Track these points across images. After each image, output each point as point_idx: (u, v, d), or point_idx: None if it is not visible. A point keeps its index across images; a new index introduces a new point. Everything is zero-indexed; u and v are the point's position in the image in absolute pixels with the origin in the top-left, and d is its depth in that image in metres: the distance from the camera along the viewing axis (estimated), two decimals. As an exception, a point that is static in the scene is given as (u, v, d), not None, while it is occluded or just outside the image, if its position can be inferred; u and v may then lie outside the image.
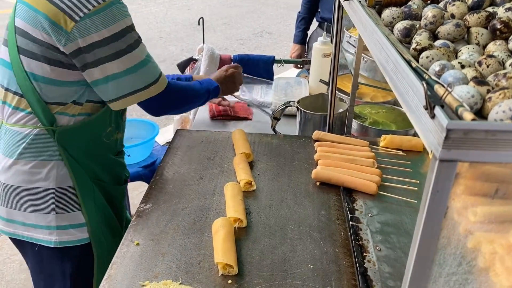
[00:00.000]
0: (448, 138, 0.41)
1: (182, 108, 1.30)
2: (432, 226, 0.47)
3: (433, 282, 0.52)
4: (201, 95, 1.30)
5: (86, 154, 1.16)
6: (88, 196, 1.16)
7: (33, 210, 1.14)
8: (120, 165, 1.31)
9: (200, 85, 1.31)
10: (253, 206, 1.08)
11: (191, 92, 1.27)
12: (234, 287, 0.84)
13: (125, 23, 1.04)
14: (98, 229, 1.19)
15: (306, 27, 2.78)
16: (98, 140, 1.18)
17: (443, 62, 0.58)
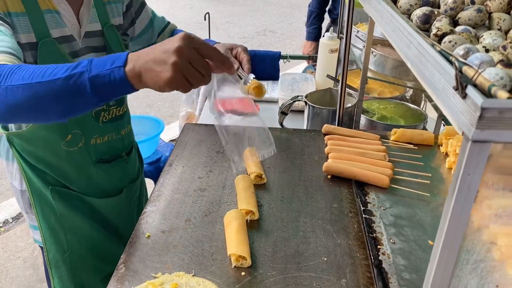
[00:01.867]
0: (482, 117, 0.40)
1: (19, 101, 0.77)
2: (462, 210, 0.46)
3: (460, 269, 0.51)
4: (55, 83, 0.74)
5: (44, 163, 1.11)
6: (40, 202, 1.14)
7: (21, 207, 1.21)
8: (100, 175, 1.19)
9: (77, 63, 0.76)
10: (264, 199, 1.06)
11: (37, 73, 0.75)
12: (247, 279, 0.83)
13: None
14: (51, 237, 1.17)
15: (320, 24, 2.70)
16: (57, 149, 1.09)
17: (467, 45, 0.57)
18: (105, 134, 1.17)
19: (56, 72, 0.74)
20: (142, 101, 4.29)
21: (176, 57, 0.70)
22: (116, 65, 0.72)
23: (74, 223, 1.18)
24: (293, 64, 4.14)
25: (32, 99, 0.74)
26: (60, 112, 0.78)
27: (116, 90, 0.74)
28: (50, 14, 1.00)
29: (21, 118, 0.84)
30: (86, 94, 0.73)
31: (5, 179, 3.23)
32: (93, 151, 1.15)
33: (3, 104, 0.76)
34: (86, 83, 0.72)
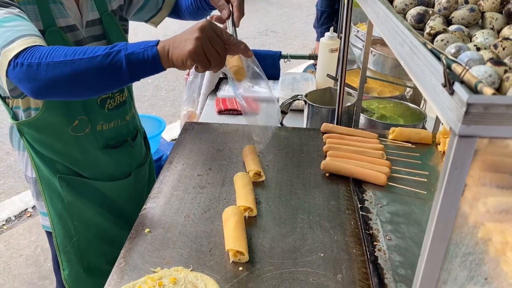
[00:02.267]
0: (468, 113, 0.41)
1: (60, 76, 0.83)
2: (450, 204, 0.47)
3: (450, 262, 0.52)
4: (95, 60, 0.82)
5: (52, 150, 1.14)
6: (49, 190, 1.19)
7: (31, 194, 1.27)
8: (107, 160, 1.23)
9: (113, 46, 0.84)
10: (263, 196, 1.08)
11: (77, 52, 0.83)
12: (245, 274, 0.85)
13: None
14: (59, 223, 1.21)
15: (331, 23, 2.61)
16: (64, 135, 1.13)
17: (458, 44, 0.58)
18: (110, 120, 1.20)
19: (96, 50, 0.83)
20: (145, 100, 4.31)
21: (199, 33, 0.81)
22: (150, 44, 0.83)
23: (81, 210, 1.22)
24: (295, 64, 4.15)
25: (73, 74, 0.82)
26: (95, 87, 0.87)
27: (148, 67, 0.83)
28: (55, 5, 1.04)
29: (57, 92, 0.89)
30: (121, 70, 0.82)
31: (8, 178, 3.25)
32: (99, 137, 1.19)
33: (44, 79, 0.83)
34: (122, 60, 0.81)
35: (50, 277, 2.44)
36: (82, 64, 0.82)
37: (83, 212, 1.24)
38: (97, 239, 1.29)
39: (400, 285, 0.83)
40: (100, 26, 1.16)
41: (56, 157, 1.16)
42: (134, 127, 1.33)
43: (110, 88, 0.93)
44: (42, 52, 0.84)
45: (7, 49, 0.85)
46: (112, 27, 1.18)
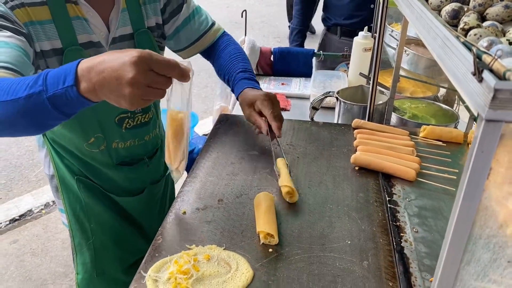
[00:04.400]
0: (495, 98, 0.44)
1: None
2: (475, 187, 0.50)
3: (473, 243, 0.54)
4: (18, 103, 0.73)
5: (71, 155, 1.16)
6: (67, 190, 1.20)
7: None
8: (121, 176, 1.23)
9: (36, 78, 0.74)
10: (293, 186, 1.11)
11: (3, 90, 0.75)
12: (274, 255, 0.89)
13: None
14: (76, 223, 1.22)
15: (302, 40, 2.70)
16: (81, 148, 1.15)
17: (491, 38, 0.60)
18: (126, 140, 1.20)
19: (18, 90, 0.73)
20: (177, 96, 4.42)
21: (131, 88, 0.68)
22: (68, 84, 0.70)
23: (98, 213, 1.24)
24: (328, 64, 4.16)
25: (3, 117, 0.75)
26: (32, 127, 0.78)
27: (77, 106, 0.73)
28: (79, 21, 1.03)
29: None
30: (50, 111, 0.73)
31: (48, 165, 3.41)
32: (114, 154, 1.19)
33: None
34: (46, 103, 0.72)
35: (84, 260, 2.55)
36: (8, 107, 0.74)
37: (100, 215, 1.25)
38: (114, 244, 1.29)
39: (425, 275, 0.86)
40: (131, 41, 1.13)
41: (74, 162, 1.18)
42: (154, 146, 1.31)
43: (51, 125, 0.82)
44: None
45: None
46: (146, 43, 1.15)
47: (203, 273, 0.83)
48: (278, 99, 2.02)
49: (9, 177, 3.28)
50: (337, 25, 2.59)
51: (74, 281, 2.42)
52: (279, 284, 0.82)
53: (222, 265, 0.85)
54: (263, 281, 0.83)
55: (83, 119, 1.09)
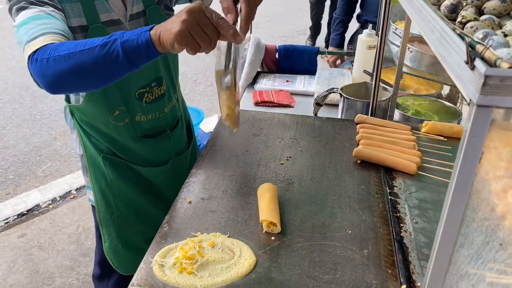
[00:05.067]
0: (486, 84, 0.46)
1: (67, 69, 0.88)
2: (468, 170, 0.52)
3: (467, 226, 0.57)
4: (94, 50, 0.86)
5: (97, 132, 1.23)
6: (94, 167, 1.27)
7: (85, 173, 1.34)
8: (145, 148, 1.29)
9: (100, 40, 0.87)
10: (296, 178, 1.14)
11: (80, 44, 0.88)
12: (277, 243, 0.91)
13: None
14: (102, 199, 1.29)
15: (344, 30, 2.76)
16: (107, 123, 1.21)
17: (486, 30, 0.62)
18: (148, 113, 1.26)
19: (95, 41, 0.87)
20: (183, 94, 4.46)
21: (186, 16, 0.79)
22: (144, 30, 0.84)
23: (122, 188, 1.30)
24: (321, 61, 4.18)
25: (75, 66, 0.87)
26: (98, 77, 0.90)
27: (143, 53, 0.84)
28: (99, 1, 1.10)
29: (65, 85, 0.94)
30: (118, 58, 0.85)
31: (55, 161, 3.46)
32: (138, 127, 1.26)
33: (51, 74, 0.89)
34: (118, 48, 0.84)
35: (91, 255, 2.60)
36: (83, 56, 0.86)
37: (124, 191, 1.31)
38: (136, 217, 1.36)
39: (424, 263, 0.88)
40: (144, 17, 1.20)
41: (101, 139, 1.24)
42: (174, 118, 1.36)
43: (113, 77, 0.92)
44: (52, 47, 0.89)
45: (29, 45, 0.92)
46: (156, 18, 1.20)
47: (208, 259, 0.85)
48: (282, 95, 2.05)
49: (17, 172, 3.33)
50: (368, 22, 2.62)
51: (83, 272, 2.47)
52: (281, 270, 0.85)
53: (226, 252, 0.88)
54: (265, 267, 0.85)
55: (108, 93, 1.15)
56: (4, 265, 2.56)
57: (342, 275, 0.84)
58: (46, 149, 3.61)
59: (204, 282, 0.80)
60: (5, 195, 3.12)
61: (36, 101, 4.31)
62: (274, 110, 1.92)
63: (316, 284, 0.82)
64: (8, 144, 3.62)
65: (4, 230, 2.84)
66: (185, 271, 0.82)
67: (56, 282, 2.46)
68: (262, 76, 2.29)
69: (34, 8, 0.98)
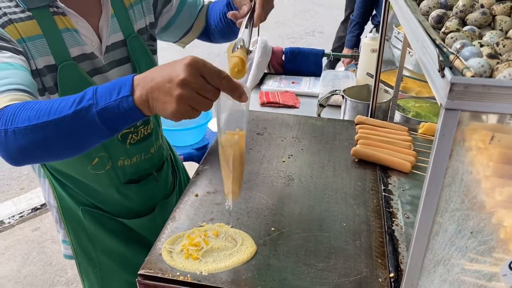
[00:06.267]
0: (452, 90, 0.53)
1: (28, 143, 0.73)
2: (440, 165, 0.59)
3: (441, 216, 0.64)
4: (63, 122, 0.71)
5: (74, 182, 1.10)
6: (71, 220, 1.16)
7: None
8: (130, 195, 1.18)
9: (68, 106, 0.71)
10: (296, 174, 1.21)
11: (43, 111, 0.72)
12: (276, 233, 0.99)
13: None
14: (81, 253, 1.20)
15: (359, 32, 2.83)
16: (86, 172, 1.09)
17: (463, 41, 0.69)
18: (132, 156, 1.15)
19: (62, 108, 0.71)
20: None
21: (181, 90, 0.66)
22: (123, 94, 0.69)
23: (104, 241, 1.20)
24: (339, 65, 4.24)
25: (42, 140, 0.73)
26: (73, 148, 0.77)
27: (128, 119, 0.71)
28: (69, 33, 0.98)
29: (34, 159, 0.81)
30: (97, 128, 0.71)
31: (68, 157, 3.56)
32: (121, 173, 1.14)
33: (14, 148, 0.74)
34: (95, 118, 0.70)
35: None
36: (50, 128, 0.71)
37: (107, 243, 1.21)
38: (120, 268, 1.26)
39: (412, 254, 0.95)
40: (124, 48, 1.09)
41: (78, 190, 1.13)
42: (159, 159, 1.26)
43: (92, 144, 0.78)
44: (9, 114, 0.73)
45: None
46: (138, 49, 1.11)
47: (212, 247, 0.93)
48: (288, 96, 2.13)
49: (31, 168, 3.45)
50: None
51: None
52: (279, 258, 0.92)
53: (229, 240, 0.96)
54: (265, 254, 0.93)
55: None
56: (18, 257, 2.66)
57: (335, 263, 0.91)
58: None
59: (208, 267, 0.88)
60: (20, 190, 3.24)
61: (50, 99, 4.44)
62: (279, 110, 1.99)
63: (311, 271, 0.89)
64: (23, 141, 3.75)
65: (19, 223, 2.95)
66: (191, 257, 0.90)
67: (68, 274, 2.56)
68: (268, 77, 2.37)
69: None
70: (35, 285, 2.47)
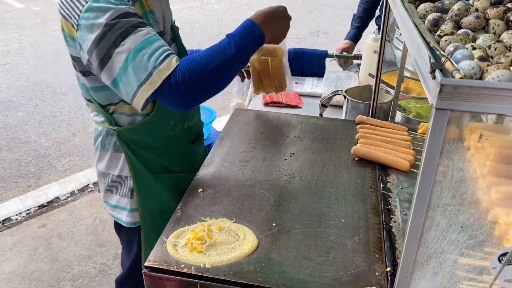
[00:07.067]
0: (442, 91, 0.57)
1: (209, 87, 1.03)
2: (431, 162, 0.62)
3: (433, 210, 0.67)
4: (232, 55, 1.03)
5: (147, 149, 1.23)
6: (144, 187, 1.25)
7: (116, 193, 1.30)
8: (193, 152, 1.38)
9: (228, 41, 1.05)
10: (297, 172, 1.25)
11: (216, 57, 1.02)
12: (277, 228, 1.02)
13: (114, 13, 0.98)
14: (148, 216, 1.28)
15: (360, 26, 2.83)
16: (164, 134, 1.24)
17: (456, 44, 0.72)
18: (192, 118, 1.37)
19: (225, 52, 1.04)
20: (197, 93, 4.59)
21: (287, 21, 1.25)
22: (257, 32, 1.09)
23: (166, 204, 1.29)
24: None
25: (221, 77, 1.05)
26: (233, 74, 1.09)
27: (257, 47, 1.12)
28: (151, 14, 1.15)
29: (207, 97, 1.08)
30: (243, 62, 1.10)
31: (74, 156, 3.62)
32: (188, 133, 1.35)
33: (197, 90, 1.01)
34: (259, 37, 1.10)
35: (107, 245, 2.74)
36: (227, 65, 1.03)
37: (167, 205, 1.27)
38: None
39: (408, 250, 0.98)
40: (171, 32, 1.28)
41: (153, 155, 1.25)
42: (201, 123, 1.47)
43: (235, 74, 1.12)
44: (186, 68, 0.99)
45: (159, 70, 0.97)
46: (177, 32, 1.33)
47: (215, 241, 0.97)
48: (291, 96, 2.16)
49: (38, 166, 3.50)
50: None
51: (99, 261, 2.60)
52: (280, 252, 0.96)
53: (232, 235, 0.99)
54: (266, 249, 0.96)
55: (165, 108, 1.20)
56: (25, 253, 2.71)
57: (333, 257, 0.95)
58: (66, 144, 3.77)
59: (211, 260, 0.92)
60: (27, 187, 3.29)
61: (56, 98, 4.49)
62: (282, 110, 2.02)
63: (310, 264, 0.92)
64: (29, 139, 3.80)
65: (26, 220, 3.00)
66: (195, 250, 0.94)
67: (74, 270, 2.60)
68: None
69: (141, 30, 1.00)
70: (42, 281, 2.51)
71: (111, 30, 0.97)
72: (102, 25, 0.97)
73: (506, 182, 0.73)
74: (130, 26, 0.99)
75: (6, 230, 2.90)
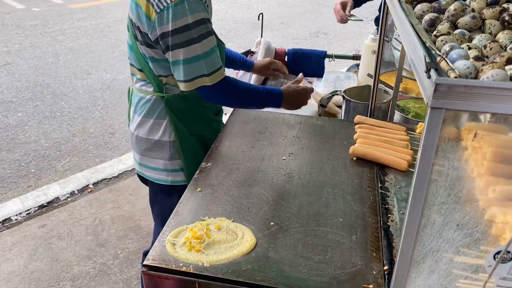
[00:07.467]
0: (437, 90, 0.57)
1: (234, 103, 1.47)
2: (426, 161, 0.63)
3: (428, 209, 0.67)
4: (258, 101, 1.44)
5: (189, 115, 1.45)
6: (187, 148, 1.45)
7: (155, 157, 1.47)
8: (218, 122, 1.60)
9: (262, 92, 1.44)
10: (295, 172, 1.25)
11: (248, 94, 1.41)
12: (275, 228, 1.03)
13: (197, 16, 1.23)
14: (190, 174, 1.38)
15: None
16: (201, 104, 1.44)
17: (452, 44, 0.73)
18: None
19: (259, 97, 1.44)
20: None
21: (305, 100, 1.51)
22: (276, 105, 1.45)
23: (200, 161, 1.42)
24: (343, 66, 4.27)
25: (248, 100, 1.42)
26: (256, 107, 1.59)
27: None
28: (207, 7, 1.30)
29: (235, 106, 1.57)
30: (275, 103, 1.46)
31: (73, 156, 3.62)
32: (213, 106, 1.53)
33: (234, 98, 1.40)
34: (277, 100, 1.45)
35: (106, 245, 2.74)
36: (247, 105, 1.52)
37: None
38: None
39: (406, 248, 0.98)
40: None
41: (194, 120, 1.45)
42: None
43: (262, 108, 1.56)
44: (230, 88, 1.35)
45: (217, 73, 1.29)
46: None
47: (214, 240, 0.97)
48: (290, 97, 2.16)
49: (38, 166, 3.50)
50: None
51: (99, 261, 2.60)
52: (278, 251, 0.96)
53: (230, 234, 1.00)
54: (264, 247, 0.97)
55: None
56: (25, 253, 2.72)
57: (331, 256, 0.95)
58: (66, 144, 3.78)
59: (210, 259, 0.92)
60: (27, 187, 3.29)
61: (57, 99, 4.50)
62: (281, 110, 2.03)
63: (308, 263, 0.93)
64: (29, 140, 3.80)
65: (26, 220, 3.01)
66: (193, 249, 0.95)
67: (74, 270, 2.60)
68: (271, 78, 2.40)
69: (212, 36, 1.28)
70: (42, 281, 2.52)
71: (195, 28, 1.22)
72: (188, 20, 1.21)
73: (503, 182, 0.74)
74: (207, 32, 1.26)
75: (6, 231, 2.90)
